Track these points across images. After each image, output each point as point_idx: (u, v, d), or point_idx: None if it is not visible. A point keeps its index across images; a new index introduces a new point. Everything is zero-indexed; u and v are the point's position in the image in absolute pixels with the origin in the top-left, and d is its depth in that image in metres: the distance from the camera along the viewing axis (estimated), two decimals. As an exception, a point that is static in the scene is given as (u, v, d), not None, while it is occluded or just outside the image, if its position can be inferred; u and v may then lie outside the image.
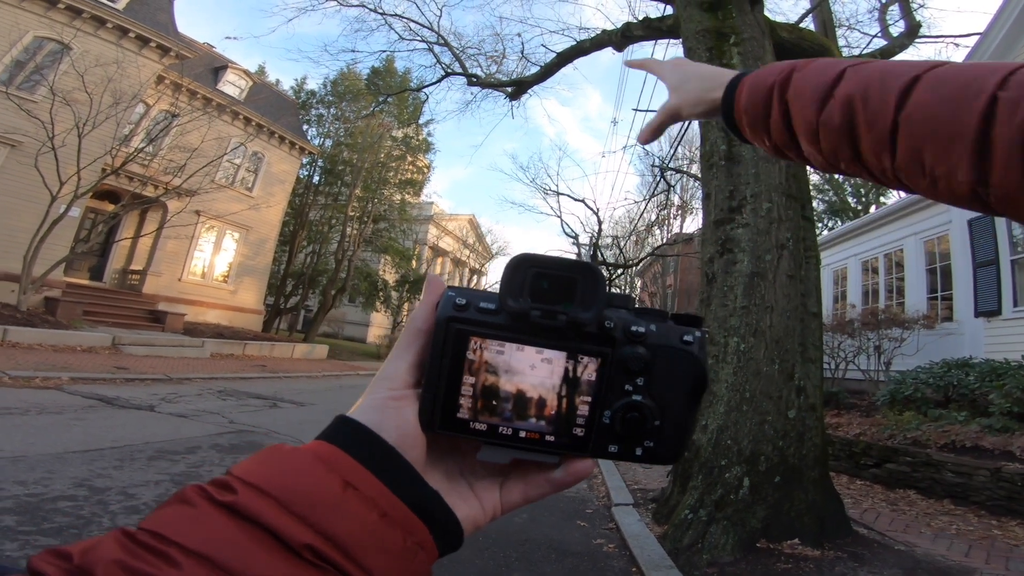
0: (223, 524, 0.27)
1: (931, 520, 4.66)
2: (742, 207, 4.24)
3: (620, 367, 0.36)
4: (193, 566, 0.25)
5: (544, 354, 0.36)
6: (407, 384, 0.37)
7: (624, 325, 0.36)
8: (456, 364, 0.36)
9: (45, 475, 3.75)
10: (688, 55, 4.98)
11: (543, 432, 0.36)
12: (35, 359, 8.81)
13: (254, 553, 0.27)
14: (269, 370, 12.95)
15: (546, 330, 0.35)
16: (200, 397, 8.15)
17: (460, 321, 0.36)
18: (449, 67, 10.73)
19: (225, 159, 18.04)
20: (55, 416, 5.57)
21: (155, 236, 16.58)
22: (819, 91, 0.50)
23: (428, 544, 0.33)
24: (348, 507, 0.30)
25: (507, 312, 0.36)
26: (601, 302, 0.35)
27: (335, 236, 24.74)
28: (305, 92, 26.58)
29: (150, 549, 0.26)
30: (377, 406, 0.35)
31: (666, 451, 0.37)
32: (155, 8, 15.74)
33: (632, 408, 0.36)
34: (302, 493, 0.29)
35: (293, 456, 0.31)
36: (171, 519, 0.27)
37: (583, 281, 0.36)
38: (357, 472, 0.31)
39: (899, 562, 3.47)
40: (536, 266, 0.36)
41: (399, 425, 0.35)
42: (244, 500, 0.28)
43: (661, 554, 3.49)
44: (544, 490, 0.39)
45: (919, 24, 7.73)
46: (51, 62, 13.47)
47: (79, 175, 11.73)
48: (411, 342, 0.38)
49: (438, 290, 0.38)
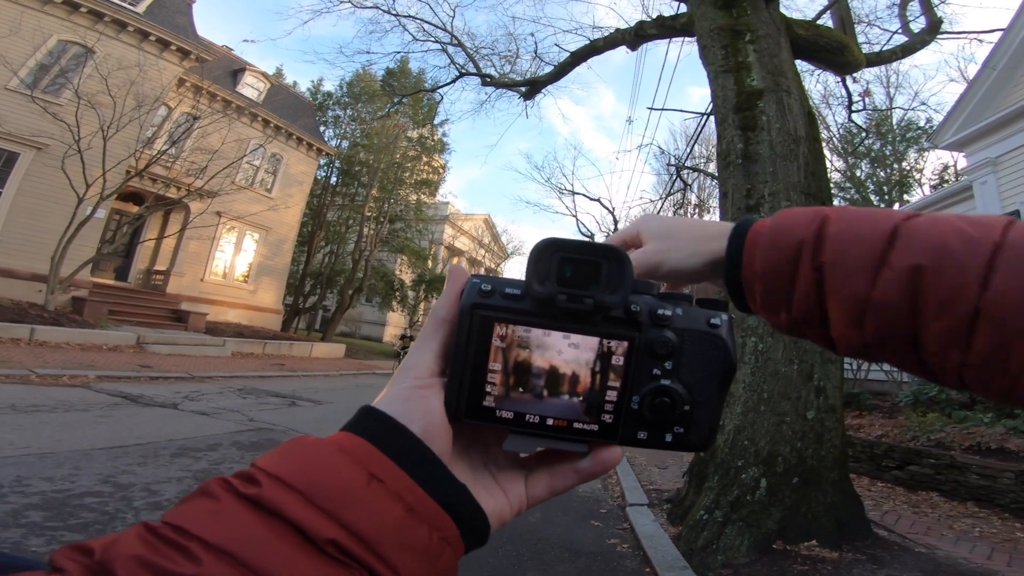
0: (246, 519, 0.27)
1: (954, 522, 4.58)
2: (760, 206, 4.19)
3: (648, 351, 0.35)
4: (214, 562, 0.25)
5: (571, 339, 0.35)
6: (432, 373, 0.36)
7: (650, 309, 0.36)
8: (482, 351, 0.35)
9: (72, 471, 3.85)
10: (703, 53, 4.94)
11: (571, 420, 0.36)
12: (62, 358, 9.05)
13: (276, 549, 0.26)
14: (288, 369, 13.13)
15: (573, 314, 0.35)
16: (221, 395, 8.30)
17: (485, 308, 0.35)
18: (463, 67, 10.77)
19: (245, 161, 18.34)
20: (82, 413, 5.72)
21: (178, 237, 16.92)
22: (869, 257, 0.38)
23: (455, 540, 0.32)
24: (373, 501, 0.29)
25: (533, 297, 0.35)
26: (627, 286, 0.35)
27: (352, 236, 25.00)
28: (322, 94, 26.89)
29: (171, 544, 0.25)
30: (403, 396, 0.34)
31: (696, 438, 0.36)
32: (174, 11, 16.04)
33: (661, 392, 0.35)
34: (326, 486, 0.28)
35: (317, 448, 0.30)
36: (194, 513, 0.27)
37: (609, 265, 0.35)
38: (383, 464, 0.30)
39: (919, 564, 3.41)
40: (562, 250, 0.35)
41: (425, 415, 0.34)
42: (268, 493, 0.28)
43: (675, 555, 3.47)
44: (571, 481, 0.38)
45: (940, 20, 7.55)
46: (75, 65, 13.80)
47: (104, 177, 12.02)
48: (435, 331, 0.37)
49: (461, 279, 0.37)
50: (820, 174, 4.63)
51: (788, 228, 0.43)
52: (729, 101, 4.57)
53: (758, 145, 4.33)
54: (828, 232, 0.40)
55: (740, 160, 4.37)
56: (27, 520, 2.96)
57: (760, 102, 4.43)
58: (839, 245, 0.40)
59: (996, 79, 9.60)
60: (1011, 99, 9.45)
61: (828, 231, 0.41)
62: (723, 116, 4.63)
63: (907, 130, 24.47)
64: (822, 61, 5.98)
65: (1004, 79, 9.59)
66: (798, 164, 4.29)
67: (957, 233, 0.36)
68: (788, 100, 4.47)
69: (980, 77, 9.97)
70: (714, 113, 4.90)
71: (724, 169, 4.57)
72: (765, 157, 4.27)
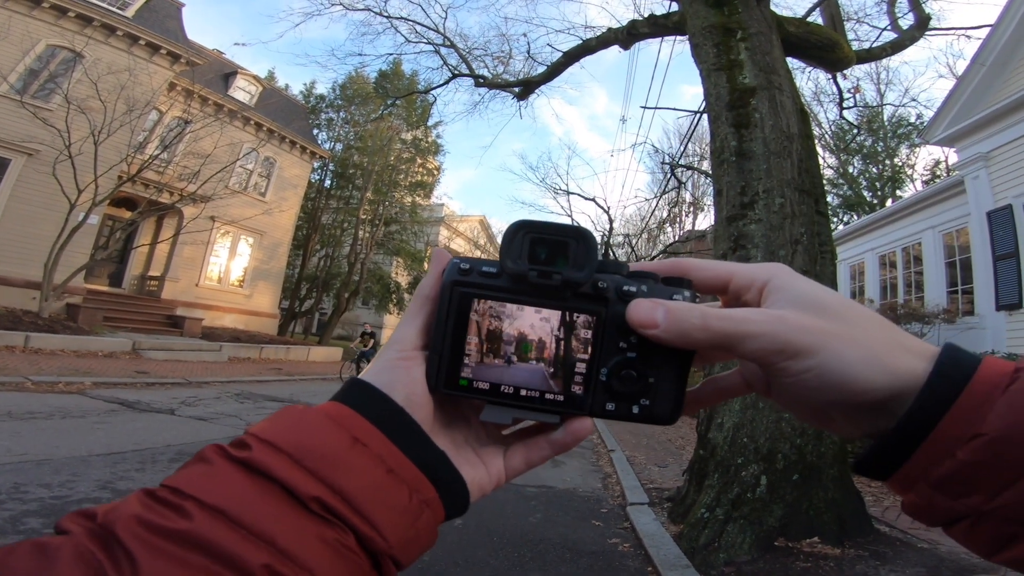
0: (237, 479, 0.29)
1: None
2: (754, 203, 4.21)
3: (614, 325, 0.37)
4: (206, 518, 0.27)
5: (542, 313, 0.37)
6: (416, 346, 0.38)
7: (616, 285, 0.37)
8: (460, 325, 0.37)
9: (69, 478, 3.83)
10: (695, 52, 4.96)
11: (543, 391, 0.38)
12: (58, 364, 8.99)
13: (264, 505, 0.28)
14: (285, 373, 13.09)
15: (543, 290, 0.37)
16: (218, 400, 8.26)
17: (464, 284, 0.38)
18: (456, 69, 10.77)
19: (238, 164, 18.27)
20: (78, 420, 5.69)
21: (172, 242, 16.84)
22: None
23: (434, 503, 0.34)
24: (356, 462, 0.31)
25: (507, 274, 0.37)
26: (593, 263, 0.37)
27: (347, 239, 24.93)
28: (314, 96, 26.86)
29: (167, 504, 0.27)
30: (387, 367, 0.36)
31: (661, 410, 0.37)
32: (164, 15, 15.98)
33: (627, 365, 0.36)
34: (311, 448, 0.30)
35: (305, 415, 0.33)
36: (189, 476, 0.29)
37: (576, 244, 0.37)
38: (365, 429, 0.32)
39: (922, 560, 3.42)
40: (533, 231, 0.38)
41: (407, 384, 0.36)
42: (258, 456, 0.30)
43: (677, 553, 3.48)
44: (545, 452, 0.40)
45: (929, 16, 7.61)
46: (64, 70, 13.73)
47: (96, 183, 11.95)
48: (419, 308, 0.39)
49: (443, 260, 0.39)
50: (813, 170, 4.65)
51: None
52: (722, 99, 4.59)
53: (752, 142, 4.34)
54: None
55: (734, 157, 4.39)
56: (26, 527, 2.94)
57: (753, 99, 4.45)
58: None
59: (986, 74, 9.67)
60: (1001, 94, 9.53)
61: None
62: (716, 114, 4.64)
63: (898, 126, 24.62)
64: (813, 58, 6.01)
65: (993, 74, 9.67)
66: (791, 161, 4.31)
67: None
68: (780, 97, 4.49)
69: (969, 73, 10.05)
70: (707, 111, 4.92)
71: (718, 167, 4.59)
72: (759, 154, 4.29)
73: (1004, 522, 0.28)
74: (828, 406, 0.33)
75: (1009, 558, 0.29)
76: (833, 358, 0.31)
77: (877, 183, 25.56)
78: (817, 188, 4.55)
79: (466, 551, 3.38)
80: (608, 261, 0.38)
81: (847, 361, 0.31)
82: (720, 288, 0.39)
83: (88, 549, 0.25)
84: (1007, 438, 0.27)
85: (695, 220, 26.79)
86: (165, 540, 0.26)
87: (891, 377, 0.31)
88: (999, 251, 9.29)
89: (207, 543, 0.26)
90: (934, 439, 0.29)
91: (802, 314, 0.33)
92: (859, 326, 0.33)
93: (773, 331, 0.32)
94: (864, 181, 26.09)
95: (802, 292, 0.34)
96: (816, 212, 4.39)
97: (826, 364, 0.31)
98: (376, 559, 0.31)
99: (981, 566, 3.37)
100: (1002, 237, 9.27)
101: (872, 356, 0.31)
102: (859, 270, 14.45)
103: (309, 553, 0.28)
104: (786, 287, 0.35)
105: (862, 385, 0.31)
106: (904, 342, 0.33)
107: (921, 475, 0.30)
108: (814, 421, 0.37)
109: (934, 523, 0.31)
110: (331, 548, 0.29)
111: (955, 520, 0.30)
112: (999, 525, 0.28)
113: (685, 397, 0.38)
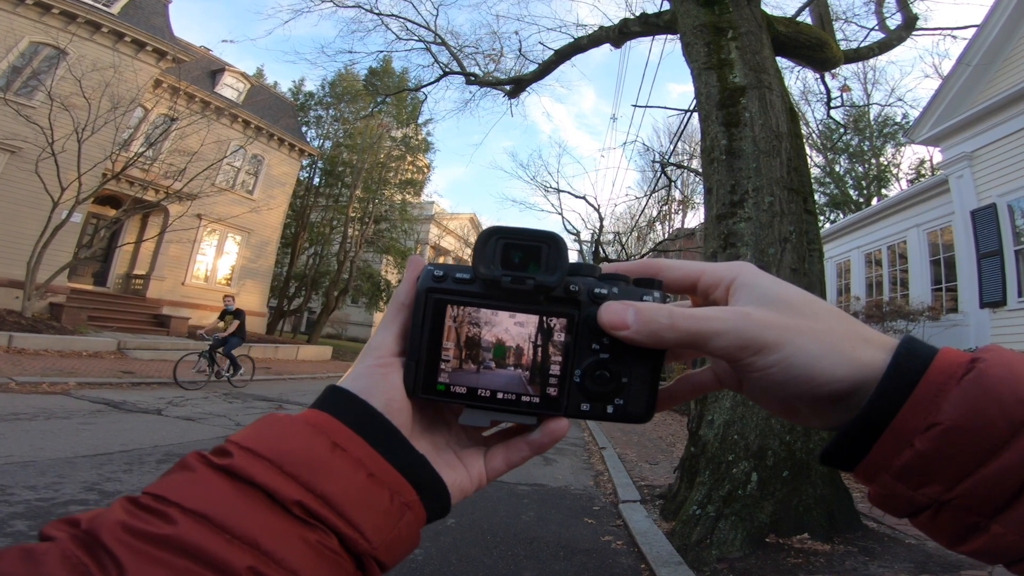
0: (219, 485, 0.29)
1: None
2: (744, 201, 4.24)
3: (587, 327, 0.37)
4: (189, 523, 0.27)
5: (517, 318, 0.38)
6: (393, 353, 0.38)
7: (588, 288, 0.38)
8: (436, 332, 0.38)
9: (55, 479, 3.77)
10: (686, 51, 4.97)
11: (519, 393, 0.38)
12: (42, 365, 8.85)
13: (247, 510, 0.28)
14: (274, 372, 12.99)
15: (516, 295, 0.37)
16: (206, 400, 8.18)
17: (439, 291, 0.38)
18: (447, 66, 10.72)
19: (225, 162, 18.08)
20: (63, 421, 5.60)
21: (157, 240, 16.62)
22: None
23: (415, 505, 0.34)
24: (336, 467, 0.31)
25: (481, 280, 0.38)
26: (564, 266, 0.37)
27: (337, 237, 24.77)
28: (303, 94, 26.61)
29: (150, 510, 0.27)
30: (365, 374, 0.37)
31: (635, 409, 0.38)
32: (150, 12, 15.76)
33: (600, 366, 0.37)
34: (292, 454, 0.31)
35: (285, 422, 0.33)
36: (171, 483, 0.29)
37: (547, 248, 0.38)
38: (345, 435, 0.33)
39: (910, 556, 3.46)
40: (505, 237, 0.38)
41: (386, 391, 0.36)
42: (239, 462, 0.30)
43: (670, 550, 3.50)
44: (524, 453, 0.40)
45: (916, 16, 7.69)
46: (48, 67, 13.51)
47: (80, 180, 11.76)
48: (395, 315, 0.39)
49: (418, 267, 0.40)
50: (802, 169, 4.68)
51: (1019, 378, 0.28)
52: (712, 98, 4.61)
53: (741, 141, 4.37)
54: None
55: (724, 156, 4.41)
56: (12, 529, 2.89)
57: (743, 98, 4.47)
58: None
59: (971, 75, 9.81)
60: (985, 94, 9.67)
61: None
62: (707, 113, 4.66)
63: (884, 126, 24.93)
64: (802, 58, 6.05)
65: (978, 75, 9.81)
66: (781, 160, 4.34)
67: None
68: (770, 96, 4.52)
69: (955, 73, 10.18)
70: (698, 110, 4.94)
71: (708, 165, 4.61)
72: (748, 153, 4.32)
73: (964, 511, 0.29)
74: (794, 398, 0.34)
75: (972, 549, 0.29)
76: (797, 352, 0.32)
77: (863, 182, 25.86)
78: (806, 187, 4.59)
79: (460, 550, 3.37)
80: (581, 264, 0.39)
81: (810, 354, 0.32)
82: (690, 288, 0.40)
83: (74, 554, 0.26)
84: (962, 427, 0.28)
85: (685, 218, 26.97)
86: (150, 545, 0.26)
87: (853, 368, 0.32)
88: (983, 249, 9.43)
89: (192, 547, 0.26)
90: (894, 429, 0.30)
91: (766, 310, 0.34)
92: (821, 320, 0.33)
93: (738, 328, 0.33)
94: (850, 180, 26.39)
95: (766, 289, 0.35)
96: (804, 210, 4.42)
97: (790, 358, 0.32)
98: (360, 561, 0.31)
99: (968, 562, 3.42)
100: (986, 235, 9.41)
101: (834, 349, 0.32)
102: (845, 268, 14.61)
103: (293, 555, 0.28)
104: (751, 285, 0.36)
105: (826, 377, 0.32)
106: (864, 334, 0.33)
107: (883, 465, 0.31)
108: (783, 414, 0.38)
109: (899, 514, 0.32)
110: (314, 550, 0.29)
111: (918, 510, 0.30)
112: (959, 515, 0.29)
113: (658, 395, 0.39)
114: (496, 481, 0.45)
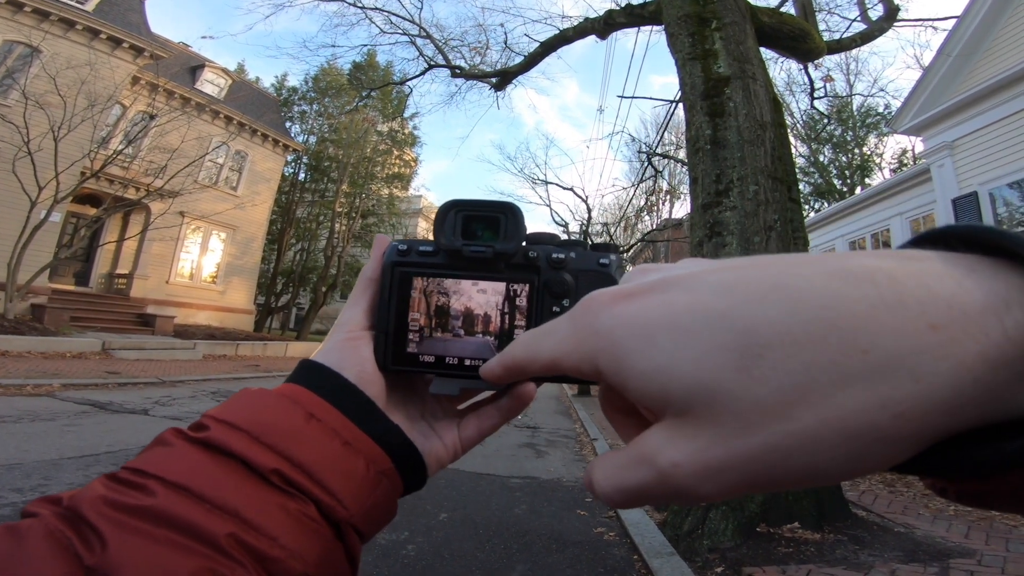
0: (197, 457, 0.30)
1: (929, 501, 4.70)
2: (729, 190, 4.26)
3: (547, 292, 0.38)
4: (169, 494, 0.27)
5: (479, 285, 0.39)
6: (362, 327, 0.39)
7: (547, 254, 0.39)
8: (402, 303, 0.39)
9: (41, 482, 3.72)
10: (671, 41, 4.98)
11: (486, 359, 0.38)
12: (25, 367, 8.70)
13: (225, 480, 0.29)
14: (263, 370, 12.88)
15: (478, 263, 0.39)
16: (194, 399, 8.09)
17: (404, 264, 0.39)
18: (432, 60, 10.63)
19: (207, 159, 17.82)
20: (48, 423, 5.52)
21: (140, 239, 16.38)
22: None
23: (391, 473, 0.35)
24: (312, 436, 0.32)
25: (443, 251, 0.39)
26: (522, 235, 0.39)
27: (324, 233, 24.59)
28: (287, 89, 26.28)
29: (130, 484, 0.28)
30: (336, 348, 0.38)
31: None
32: (126, 9, 15.44)
33: None
34: (268, 425, 0.31)
35: (260, 395, 0.34)
36: (150, 457, 0.30)
37: (506, 218, 0.39)
38: (319, 405, 0.33)
39: (899, 544, 3.51)
40: (464, 209, 0.39)
41: (357, 363, 0.37)
42: (216, 435, 0.31)
43: (662, 541, 3.53)
44: (495, 420, 0.41)
45: (897, 7, 7.75)
46: (22, 66, 13.19)
47: (57, 179, 11.54)
48: (363, 291, 0.40)
49: (383, 244, 0.41)
50: (786, 159, 4.72)
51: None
52: (697, 88, 4.62)
53: (726, 131, 4.39)
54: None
55: (709, 146, 4.43)
56: (-6, 537, 2.85)
57: (727, 89, 4.49)
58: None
59: (952, 65, 9.93)
60: (966, 84, 9.79)
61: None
62: (691, 103, 4.68)
63: (867, 116, 25.19)
64: (785, 48, 6.08)
65: (959, 65, 9.92)
66: (765, 149, 4.36)
67: None
68: (754, 86, 4.54)
69: (936, 63, 10.30)
70: (683, 100, 4.95)
71: (693, 155, 4.63)
72: (733, 143, 4.34)
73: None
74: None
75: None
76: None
77: (847, 171, 26.14)
78: (790, 176, 4.62)
79: (452, 544, 3.38)
80: (541, 233, 0.40)
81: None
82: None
83: (57, 528, 0.26)
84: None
85: (672, 208, 27.08)
86: (131, 516, 0.26)
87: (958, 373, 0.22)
88: (963, 236, 9.58)
89: (172, 517, 0.27)
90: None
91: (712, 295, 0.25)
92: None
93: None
94: (834, 169, 26.66)
95: (710, 282, 0.24)
96: (789, 199, 4.46)
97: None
98: (338, 529, 0.32)
99: (956, 549, 3.48)
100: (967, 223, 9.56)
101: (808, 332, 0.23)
102: (831, 256, 14.79)
103: (272, 522, 0.29)
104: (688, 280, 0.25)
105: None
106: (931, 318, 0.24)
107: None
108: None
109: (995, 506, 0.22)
110: (293, 518, 0.29)
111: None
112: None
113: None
114: (488, 474, 0.45)
